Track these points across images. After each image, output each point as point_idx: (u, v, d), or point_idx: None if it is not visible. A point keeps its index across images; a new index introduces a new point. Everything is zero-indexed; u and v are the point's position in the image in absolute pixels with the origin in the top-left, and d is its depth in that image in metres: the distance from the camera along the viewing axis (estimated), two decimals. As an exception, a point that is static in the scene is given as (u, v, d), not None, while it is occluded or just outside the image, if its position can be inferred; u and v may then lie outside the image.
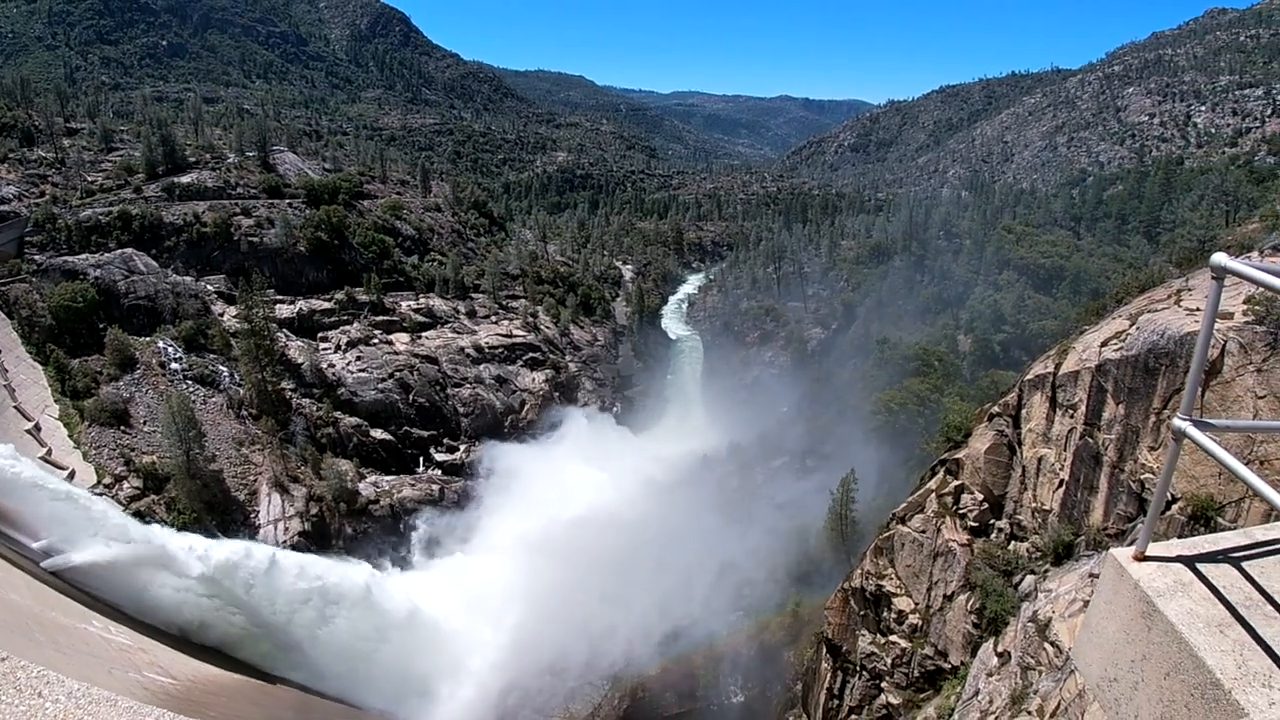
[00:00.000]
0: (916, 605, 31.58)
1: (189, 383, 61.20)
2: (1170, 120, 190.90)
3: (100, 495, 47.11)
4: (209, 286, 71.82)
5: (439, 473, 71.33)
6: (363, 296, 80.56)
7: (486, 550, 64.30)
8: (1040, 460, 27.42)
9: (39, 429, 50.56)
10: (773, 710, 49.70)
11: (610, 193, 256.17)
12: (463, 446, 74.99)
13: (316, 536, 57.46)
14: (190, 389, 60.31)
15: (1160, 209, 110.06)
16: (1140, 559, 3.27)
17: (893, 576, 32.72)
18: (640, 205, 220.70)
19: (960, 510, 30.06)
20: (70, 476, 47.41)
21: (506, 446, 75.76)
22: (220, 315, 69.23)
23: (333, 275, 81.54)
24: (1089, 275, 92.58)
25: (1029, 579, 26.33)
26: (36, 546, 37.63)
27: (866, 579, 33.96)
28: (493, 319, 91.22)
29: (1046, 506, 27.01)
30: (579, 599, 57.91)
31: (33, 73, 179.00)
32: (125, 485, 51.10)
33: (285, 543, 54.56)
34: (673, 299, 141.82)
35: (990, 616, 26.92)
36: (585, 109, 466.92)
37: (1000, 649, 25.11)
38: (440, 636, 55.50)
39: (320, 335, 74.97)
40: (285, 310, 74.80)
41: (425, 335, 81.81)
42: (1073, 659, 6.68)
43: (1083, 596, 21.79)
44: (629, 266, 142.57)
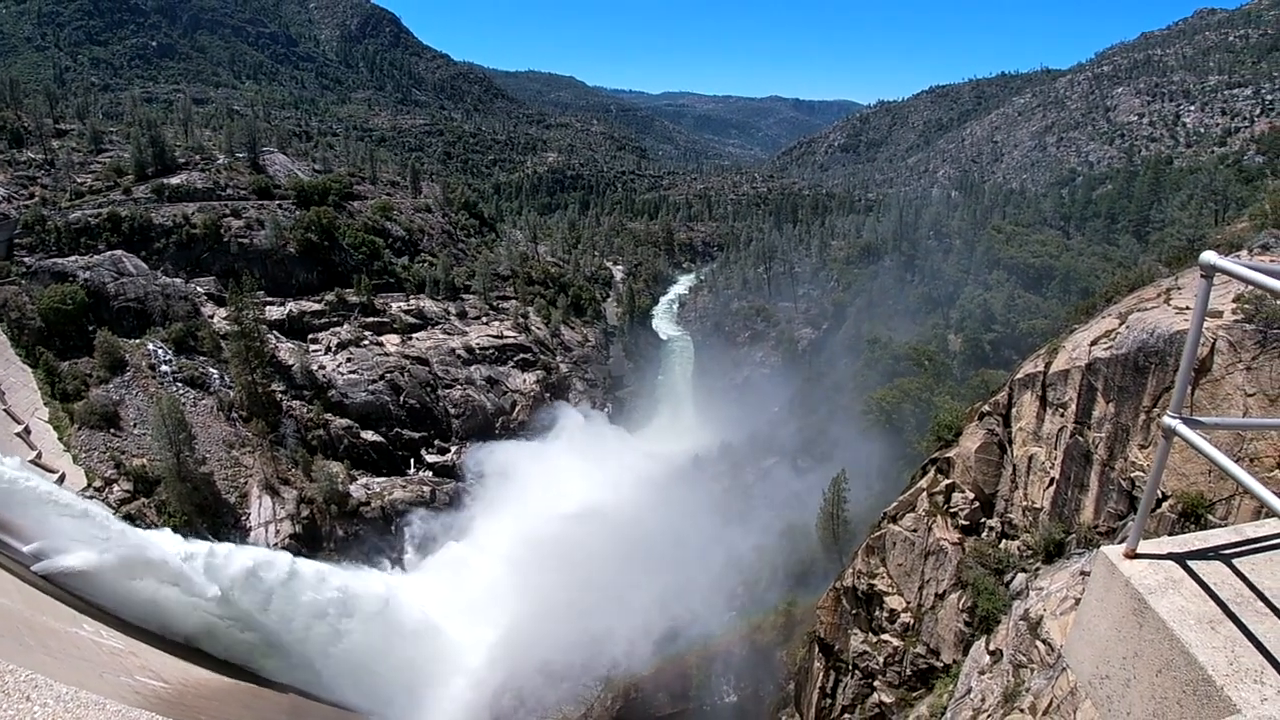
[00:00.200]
0: (908, 604, 31.62)
1: (179, 385, 60.91)
2: (1159, 120, 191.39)
3: (91, 498, 46.81)
4: (199, 288, 71.44)
5: (430, 474, 71.21)
6: (353, 298, 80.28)
7: (479, 550, 64.20)
8: (1031, 459, 27.46)
9: (29, 432, 50.26)
10: (765, 710, 49.59)
11: (601, 193, 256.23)
12: (454, 448, 74.83)
13: (307, 539, 57.27)
14: (180, 391, 60.05)
15: (1149, 208, 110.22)
16: (1131, 556, 3.28)
17: (884, 575, 32.75)
18: (631, 206, 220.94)
19: (951, 509, 30.09)
20: (60, 480, 47.11)
21: (500, 445, 75.64)
22: (210, 317, 68.89)
23: (323, 277, 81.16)
24: (1079, 274, 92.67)
25: (1020, 577, 26.37)
26: (27, 550, 37.32)
27: (858, 578, 33.99)
28: (483, 320, 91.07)
29: (1037, 505, 27.06)
30: (574, 597, 57.76)
31: (22, 74, 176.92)
32: (116, 488, 50.87)
33: (276, 545, 54.34)
34: (663, 299, 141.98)
35: (982, 615, 26.93)
36: (575, 109, 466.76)
37: (992, 647, 25.13)
38: (439, 639, 55.39)
39: (310, 337, 74.65)
40: (275, 312, 74.40)
41: (416, 336, 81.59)
42: (1065, 656, 6.70)
43: (1074, 594, 21.84)
44: (620, 267, 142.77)
